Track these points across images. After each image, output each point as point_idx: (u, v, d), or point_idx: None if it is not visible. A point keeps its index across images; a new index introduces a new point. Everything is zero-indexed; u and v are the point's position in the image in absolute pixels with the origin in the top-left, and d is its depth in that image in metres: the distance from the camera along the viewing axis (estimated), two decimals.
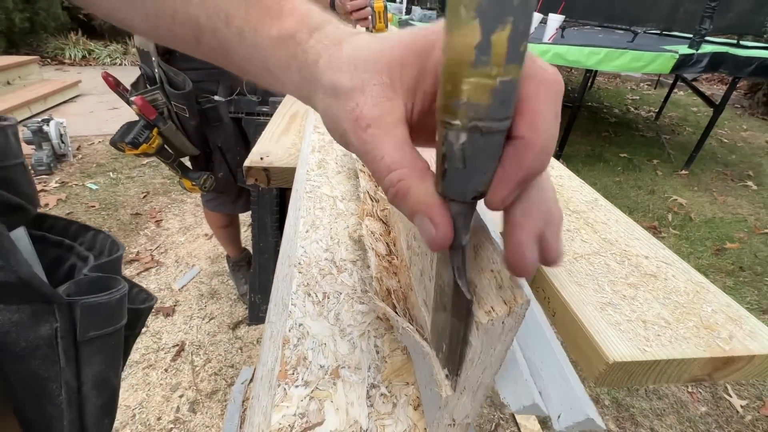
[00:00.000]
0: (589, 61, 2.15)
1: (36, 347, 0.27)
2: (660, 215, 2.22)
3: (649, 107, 4.52)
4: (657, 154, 3.08)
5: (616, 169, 2.76)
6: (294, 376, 0.25)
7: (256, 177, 0.58)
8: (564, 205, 0.53)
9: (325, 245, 0.37)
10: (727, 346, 0.32)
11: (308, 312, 0.29)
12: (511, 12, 0.11)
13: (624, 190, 2.47)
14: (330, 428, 0.22)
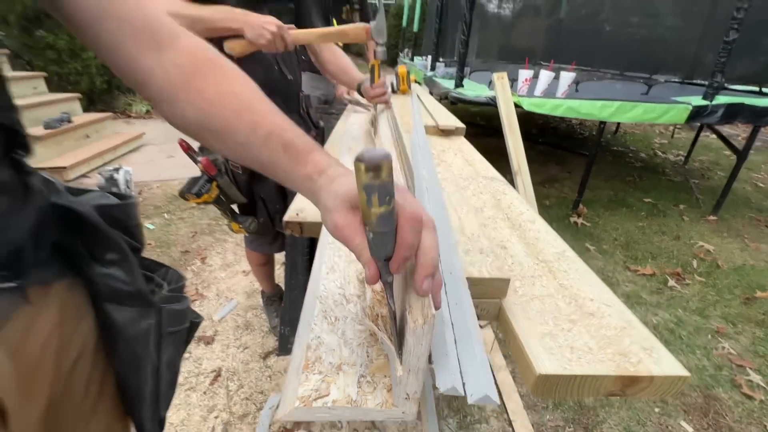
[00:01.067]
0: (603, 114, 2.28)
1: (138, 335, 0.44)
2: (684, 261, 2.20)
3: (678, 151, 4.49)
4: (684, 199, 3.06)
5: (639, 215, 2.77)
6: (312, 368, 0.38)
7: (293, 229, 0.74)
8: (535, 255, 0.65)
9: (339, 284, 0.52)
10: (634, 368, 0.43)
11: (324, 329, 0.44)
12: (377, 188, 0.26)
13: (647, 236, 2.47)
14: (333, 398, 0.35)
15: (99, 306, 0.43)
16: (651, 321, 1.73)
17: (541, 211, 2.75)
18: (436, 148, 1.27)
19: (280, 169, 0.38)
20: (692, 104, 2.26)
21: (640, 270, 2.10)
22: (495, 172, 1.06)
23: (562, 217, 2.66)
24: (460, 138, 1.41)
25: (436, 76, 3.30)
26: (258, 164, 0.40)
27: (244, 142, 0.38)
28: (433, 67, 3.83)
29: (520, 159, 2.17)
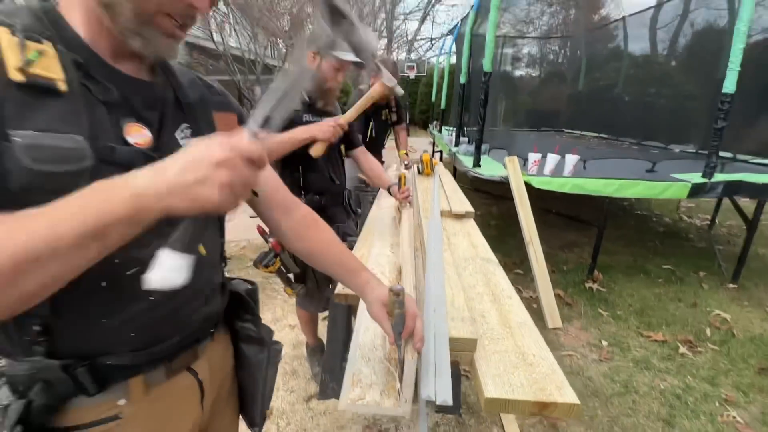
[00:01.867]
0: (607, 190, 2.56)
1: (258, 362, 0.78)
2: (698, 329, 2.30)
3: (705, 215, 4.54)
4: (706, 266, 3.14)
5: (656, 281, 2.89)
6: (356, 384, 0.70)
7: (340, 298, 1.09)
8: (504, 323, 0.95)
9: (371, 338, 0.84)
10: (546, 397, 0.71)
11: (362, 364, 0.76)
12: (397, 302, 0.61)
13: (663, 303, 2.59)
14: (366, 401, 0.67)
15: (237, 344, 0.78)
16: (658, 386, 1.85)
17: (559, 276, 2.95)
18: (448, 230, 1.61)
19: (344, 279, 0.74)
20: (692, 182, 2.50)
21: (652, 336, 2.22)
22: (491, 255, 1.38)
23: (578, 282, 2.83)
24: (470, 221, 1.76)
25: (459, 153, 3.75)
26: (331, 274, 0.76)
27: (327, 267, 0.75)
28: (457, 143, 4.31)
29: (531, 230, 2.45)
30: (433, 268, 1.10)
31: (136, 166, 0.42)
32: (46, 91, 0.42)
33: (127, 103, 0.50)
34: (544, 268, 2.37)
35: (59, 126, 0.42)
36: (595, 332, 2.27)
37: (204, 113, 0.61)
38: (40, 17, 0.45)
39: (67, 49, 0.45)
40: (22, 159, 0.39)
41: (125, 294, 0.49)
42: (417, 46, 24.55)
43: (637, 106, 5.64)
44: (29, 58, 0.41)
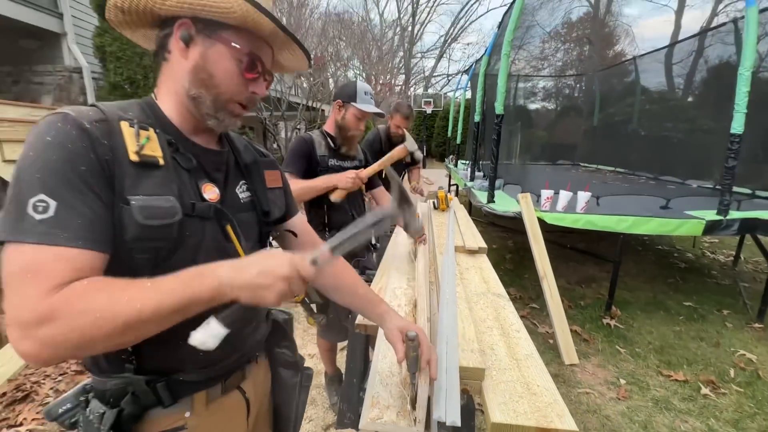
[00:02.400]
0: (620, 227, 2.60)
1: (292, 385, 0.89)
2: (722, 370, 2.25)
3: (729, 251, 4.45)
4: (729, 304, 3.07)
5: (677, 319, 2.84)
6: (375, 406, 0.80)
7: (360, 328, 1.19)
8: (512, 355, 1.02)
9: (388, 365, 0.94)
10: (547, 424, 0.78)
11: (381, 388, 0.85)
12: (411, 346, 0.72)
13: (683, 341, 2.55)
14: (384, 420, 0.76)
15: (274, 368, 0.89)
16: (679, 428, 1.82)
17: (576, 311, 2.94)
18: (461, 265, 1.71)
19: (365, 310, 0.85)
20: (706, 219, 2.52)
21: (672, 375, 2.18)
22: (502, 290, 1.46)
23: (595, 317, 2.82)
24: (482, 256, 1.85)
25: (474, 188, 3.86)
26: (352, 307, 0.87)
27: (350, 300, 0.86)
28: (472, 178, 4.43)
29: (545, 266, 2.51)
30: (447, 302, 1.20)
31: (209, 216, 0.63)
32: (151, 166, 0.57)
33: (202, 168, 0.65)
34: (559, 303, 2.40)
35: (159, 190, 0.56)
36: (613, 369, 2.25)
37: (257, 172, 0.77)
38: (145, 108, 0.63)
39: (163, 131, 0.61)
40: (137, 217, 0.53)
41: (197, 324, 0.62)
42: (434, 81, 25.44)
43: (652, 140, 5.69)
44: (142, 143, 0.56)
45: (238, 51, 0.62)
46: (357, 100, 1.64)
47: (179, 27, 0.62)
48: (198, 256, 0.61)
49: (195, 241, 0.61)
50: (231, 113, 0.65)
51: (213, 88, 0.62)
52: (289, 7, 9.51)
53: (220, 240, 0.65)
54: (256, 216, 0.75)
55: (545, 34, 12.72)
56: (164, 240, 0.56)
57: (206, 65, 0.61)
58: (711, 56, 4.97)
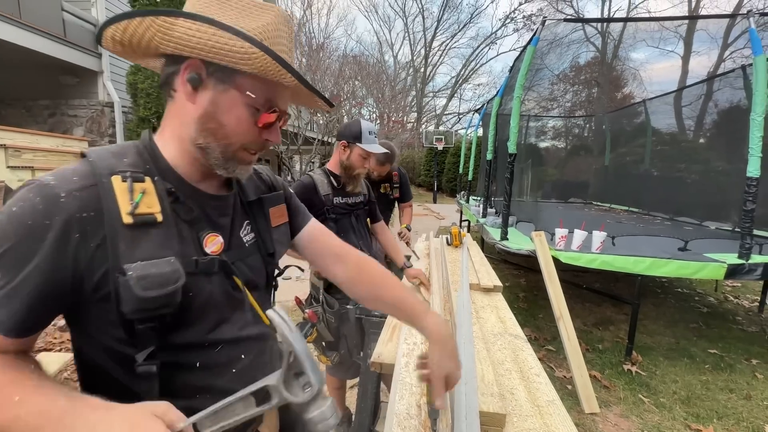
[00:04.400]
0: (636, 268, 2.55)
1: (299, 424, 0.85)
2: (757, 426, 2.10)
3: (754, 296, 4.28)
4: (758, 352, 2.92)
5: (703, 367, 2.70)
6: (401, 418, 0.77)
7: (375, 367, 1.17)
8: (533, 400, 0.99)
9: (405, 406, 0.91)
10: None
11: (401, 419, 0.83)
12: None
13: (711, 392, 2.41)
14: None
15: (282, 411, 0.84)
16: None
17: (594, 355, 2.83)
18: (476, 303, 1.68)
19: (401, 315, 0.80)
20: (727, 263, 2.46)
21: (702, 430, 2.05)
22: (520, 331, 1.43)
23: (615, 363, 2.70)
24: (498, 295, 1.82)
25: (487, 224, 3.86)
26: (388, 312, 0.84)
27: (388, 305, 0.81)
28: (484, 215, 4.44)
29: (561, 306, 2.45)
30: (464, 342, 1.18)
31: (213, 271, 0.59)
32: (148, 224, 0.52)
33: (205, 217, 0.61)
34: (577, 347, 2.32)
35: (159, 252, 0.52)
36: (637, 421, 2.12)
37: (261, 209, 0.72)
38: (142, 152, 0.58)
39: (162, 178, 0.56)
40: (135, 289, 0.48)
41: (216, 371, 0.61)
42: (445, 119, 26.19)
43: (666, 181, 5.67)
44: (136, 201, 0.51)
45: (254, 99, 0.57)
46: (362, 140, 1.67)
47: (187, 68, 0.56)
48: (207, 314, 0.59)
49: (202, 300, 0.57)
50: (241, 161, 0.61)
51: (223, 138, 0.58)
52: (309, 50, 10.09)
53: (229, 292, 0.62)
54: (261, 258, 0.70)
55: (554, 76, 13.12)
56: (168, 307, 0.52)
57: (216, 114, 0.57)
58: (721, 99, 5.04)
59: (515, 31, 25.07)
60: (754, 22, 2.47)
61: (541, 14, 20.42)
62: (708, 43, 11.80)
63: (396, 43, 27.11)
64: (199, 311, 0.57)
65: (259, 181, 0.77)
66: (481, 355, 1.16)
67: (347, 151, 1.70)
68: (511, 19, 23.40)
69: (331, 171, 1.76)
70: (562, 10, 19.00)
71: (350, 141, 1.68)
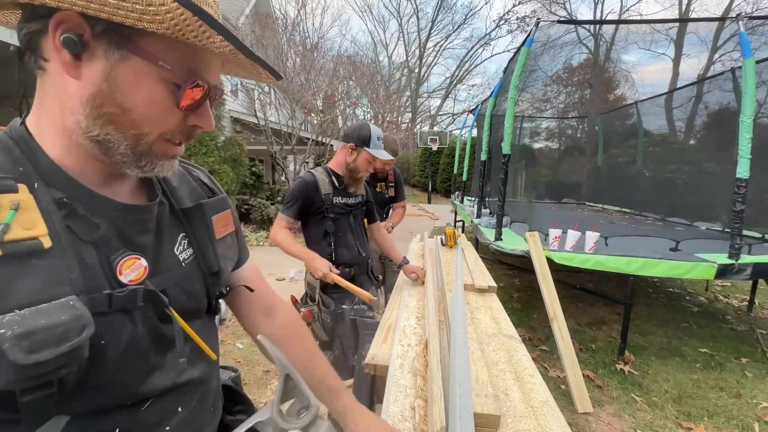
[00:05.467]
0: (629, 268, 2.57)
1: None
2: (746, 424, 2.13)
3: (743, 296, 4.34)
4: (747, 351, 2.96)
5: (694, 366, 2.73)
6: (396, 420, 0.76)
7: (369, 368, 1.16)
8: (527, 401, 0.99)
9: (400, 408, 0.91)
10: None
11: (395, 421, 0.82)
12: None
13: (702, 391, 2.43)
14: None
15: None
16: None
17: (587, 355, 2.85)
18: (471, 304, 1.68)
19: (323, 398, 0.67)
20: (717, 263, 2.49)
21: (693, 428, 2.07)
22: (514, 331, 1.43)
23: (608, 362, 2.72)
24: (492, 295, 1.82)
25: (481, 225, 3.88)
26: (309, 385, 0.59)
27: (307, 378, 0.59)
28: (479, 215, 4.46)
29: (555, 306, 2.46)
30: (458, 343, 1.17)
31: (135, 306, 0.44)
32: (28, 254, 0.36)
33: (118, 235, 0.45)
34: (571, 347, 2.33)
35: (47, 291, 0.36)
36: (630, 420, 2.14)
37: (201, 218, 0.57)
38: (10, 149, 0.40)
39: (46, 184, 0.40)
40: (10, 354, 0.32)
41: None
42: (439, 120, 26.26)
43: (658, 182, 5.74)
44: (4, 221, 0.35)
45: (170, 71, 0.41)
46: (371, 145, 1.68)
47: (58, 26, 0.38)
48: (129, 364, 0.44)
49: (120, 348, 0.42)
50: (161, 155, 0.45)
51: (130, 128, 0.41)
52: (303, 49, 10.05)
53: (157, 329, 0.48)
54: (203, 278, 0.56)
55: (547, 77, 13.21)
56: (68, 367, 0.36)
57: (115, 93, 0.40)
58: (711, 102, 5.11)
59: (509, 33, 25.27)
60: (743, 26, 2.50)
61: (534, 16, 20.58)
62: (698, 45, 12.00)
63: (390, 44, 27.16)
64: (117, 363, 0.42)
65: (196, 182, 0.62)
66: (475, 356, 1.16)
67: (354, 154, 1.71)
68: (505, 21, 23.57)
69: (334, 171, 1.76)
70: (555, 12, 19.15)
71: (358, 144, 1.69)
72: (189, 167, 0.64)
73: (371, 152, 1.69)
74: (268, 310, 0.72)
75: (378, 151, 1.71)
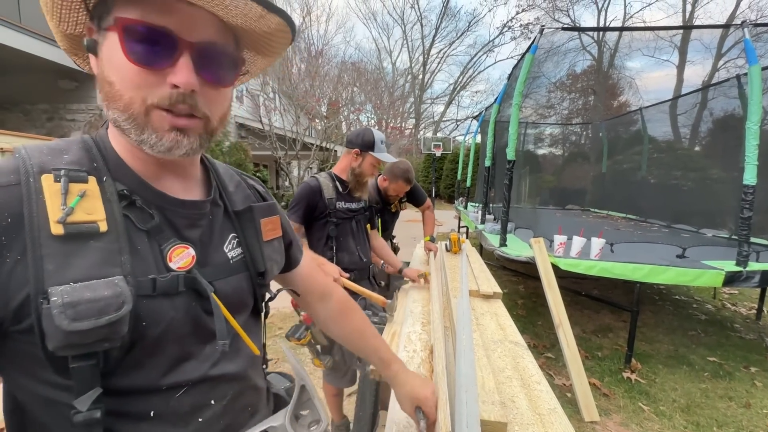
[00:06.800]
0: (635, 275, 2.55)
1: None
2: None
3: (751, 304, 4.28)
4: (756, 360, 2.91)
5: (702, 375, 2.69)
6: (401, 427, 0.76)
7: (374, 374, 1.15)
8: (534, 408, 0.98)
9: (405, 415, 0.90)
10: None
11: (401, 428, 0.81)
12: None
13: (711, 400, 2.40)
14: None
15: None
16: None
17: (593, 363, 2.81)
18: (476, 310, 1.67)
19: (376, 366, 0.80)
20: (725, 270, 2.46)
21: None
22: (520, 338, 1.42)
23: (614, 370, 2.69)
24: (498, 301, 1.81)
25: (485, 231, 3.87)
26: (364, 357, 0.81)
27: (361, 352, 0.79)
28: (483, 221, 4.45)
29: (560, 313, 2.44)
30: (464, 349, 1.17)
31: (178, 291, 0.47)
32: (87, 235, 0.41)
33: (170, 226, 0.49)
34: (577, 355, 2.31)
35: (98, 270, 0.41)
36: (637, 429, 2.11)
37: (251, 221, 0.60)
38: (90, 148, 0.47)
39: (113, 179, 0.46)
40: (58, 320, 0.37)
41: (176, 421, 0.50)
42: (443, 126, 26.34)
43: (663, 188, 5.71)
44: (70, 205, 0.40)
45: (132, 31, 0.41)
46: (375, 149, 1.70)
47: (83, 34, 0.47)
48: (166, 348, 0.47)
49: (159, 330, 0.45)
50: (159, 127, 0.44)
51: (117, 100, 0.43)
52: (308, 56, 10.15)
53: (198, 318, 0.50)
54: (250, 278, 0.59)
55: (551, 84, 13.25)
56: (109, 341, 0.40)
57: (104, 72, 0.44)
58: (716, 108, 5.10)
59: (512, 40, 25.38)
60: (748, 33, 2.50)
61: (538, 23, 20.70)
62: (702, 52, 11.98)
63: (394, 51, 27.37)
64: (155, 345, 0.45)
65: (251, 190, 0.67)
66: (481, 363, 1.15)
67: (359, 159, 1.72)
68: (509, 28, 23.70)
69: (338, 176, 1.77)
70: (559, 19, 19.25)
71: (363, 149, 1.70)
72: (246, 177, 0.69)
73: (376, 156, 1.70)
74: (322, 295, 0.79)
75: (382, 154, 1.72)
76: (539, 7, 20.07)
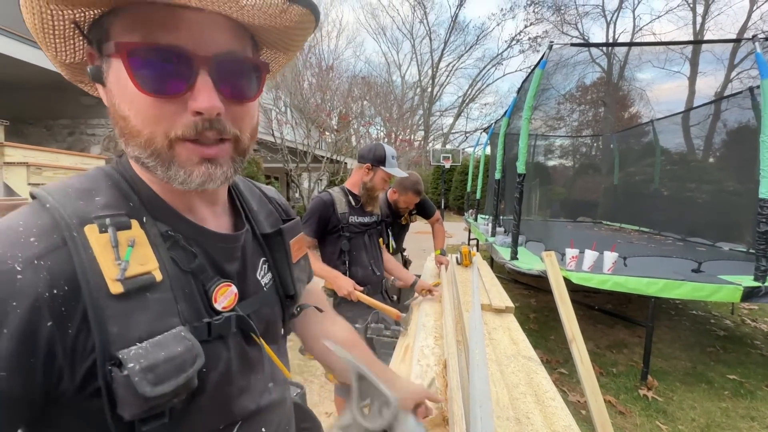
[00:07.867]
0: (650, 290, 2.51)
1: None
2: None
3: None
4: None
5: (722, 393, 2.62)
6: None
7: None
8: (549, 425, 0.98)
9: None
10: None
11: None
12: None
13: (732, 420, 2.32)
14: None
15: None
16: None
17: (608, 379, 2.76)
18: (488, 324, 1.68)
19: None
20: (743, 285, 2.41)
21: None
22: (533, 353, 1.42)
23: (630, 387, 2.63)
24: (510, 316, 1.81)
25: (496, 243, 3.86)
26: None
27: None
28: (493, 234, 4.44)
29: (573, 328, 2.40)
30: (477, 364, 1.17)
31: (229, 333, 0.45)
32: (144, 289, 0.38)
33: (211, 263, 0.46)
34: (591, 371, 2.26)
35: (160, 323, 0.37)
36: None
37: (280, 244, 0.58)
38: (118, 182, 0.42)
39: (153, 218, 0.42)
40: (140, 387, 0.33)
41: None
42: (452, 138, 26.45)
43: (677, 201, 5.62)
44: (125, 258, 0.37)
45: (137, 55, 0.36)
46: (386, 164, 1.74)
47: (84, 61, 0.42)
48: (224, 389, 0.45)
49: (218, 374, 0.44)
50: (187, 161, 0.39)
51: (136, 137, 0.38)
52: (319, 70, 10.36)
53: (245, 353, 0.49)
54: (280, 302, 0.57)
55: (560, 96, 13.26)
56: (180, 396, 0.38)
57: (115, 106, 0.39)
58: (729, 120, 5.04)
59: (521, 53, 25.58)
60: (759, 46, 2.50)
61: (546, 36, 20.84)
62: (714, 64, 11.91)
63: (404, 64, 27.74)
64: (215, 389, 0.43)
65: (275, 208, 0.63)
66: (494, 378, 1.15)
67: (371, 174, 1.76)
68: (517, 41, 23.90)
69: (350, 190, 1.81)
70: (567, 32, 19.37)
71: (374, 164, 1.74)
72: (264, 190, 0.65)
73: (387, 171, 1.74)
74: (334, 318, 0.80)
75: (393, 169, 1.76)
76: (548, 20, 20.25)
